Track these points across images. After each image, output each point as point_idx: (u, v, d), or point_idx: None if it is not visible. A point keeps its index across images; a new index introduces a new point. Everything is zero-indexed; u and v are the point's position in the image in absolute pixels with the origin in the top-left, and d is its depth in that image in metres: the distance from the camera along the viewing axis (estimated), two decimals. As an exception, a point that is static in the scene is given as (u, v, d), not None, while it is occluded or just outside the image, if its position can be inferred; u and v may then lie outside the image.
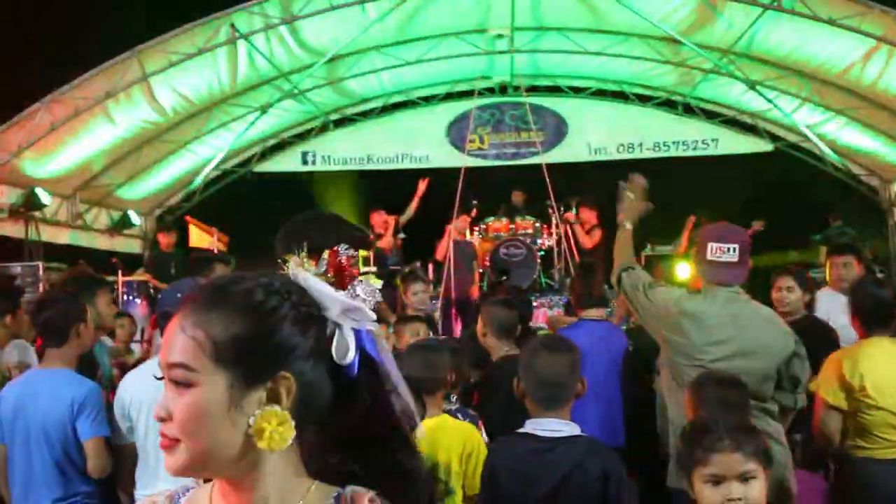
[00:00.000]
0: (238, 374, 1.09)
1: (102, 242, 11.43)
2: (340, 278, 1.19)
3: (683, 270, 9.36)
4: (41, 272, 8.84)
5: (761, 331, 3.38)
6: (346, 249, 1.21)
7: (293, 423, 1.10)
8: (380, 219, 10.42)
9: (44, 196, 9.30)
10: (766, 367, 3.31)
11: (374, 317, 1.19)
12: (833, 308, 5.02)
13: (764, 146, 12.10)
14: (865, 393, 3.64)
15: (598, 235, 9.88)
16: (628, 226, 3.84)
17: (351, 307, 1.16)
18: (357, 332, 1.17)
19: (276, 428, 1.09)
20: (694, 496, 2.16)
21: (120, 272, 10.14)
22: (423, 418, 2.64)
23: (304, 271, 1.18)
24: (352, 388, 1.18)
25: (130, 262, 11.28)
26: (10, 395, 3.48)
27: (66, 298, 3.67)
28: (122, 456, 3.45)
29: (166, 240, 10.15)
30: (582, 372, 2.85)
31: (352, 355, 1.16)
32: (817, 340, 4.11)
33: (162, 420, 1.10)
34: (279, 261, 1.21)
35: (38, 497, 3.39)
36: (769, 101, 10.56)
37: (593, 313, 4.75)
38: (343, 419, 1.19)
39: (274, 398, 1.10)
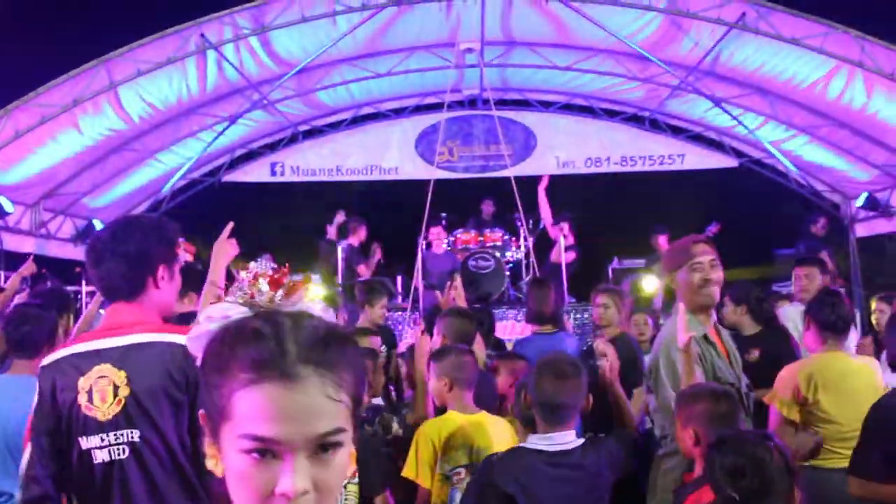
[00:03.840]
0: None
1: (67, 251, 11.27)
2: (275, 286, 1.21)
3: (650, 284, 9.48)
4: (2, 281, 8.70)
5: None
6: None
7: None
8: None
9: (6, 204, 9.18)
10: None
11: None
12: (797, 319, 5.13)
13: (729, 162, 12.29)
14: (819, 406, 3.66)
15: (572, 255, 9.94)
16: None
17: None
18: None
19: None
20: None
21: (84, 282, 10.01)
22: None
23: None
24: None
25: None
26: None
27: (44, 316, 3.76)
28: None
29: None
30: None
31: None
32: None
33: (298, 494, 0.98)
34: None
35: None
36: (734, 118, 10.72)
37: (543, 328, 4.94)
38: None
39: None
